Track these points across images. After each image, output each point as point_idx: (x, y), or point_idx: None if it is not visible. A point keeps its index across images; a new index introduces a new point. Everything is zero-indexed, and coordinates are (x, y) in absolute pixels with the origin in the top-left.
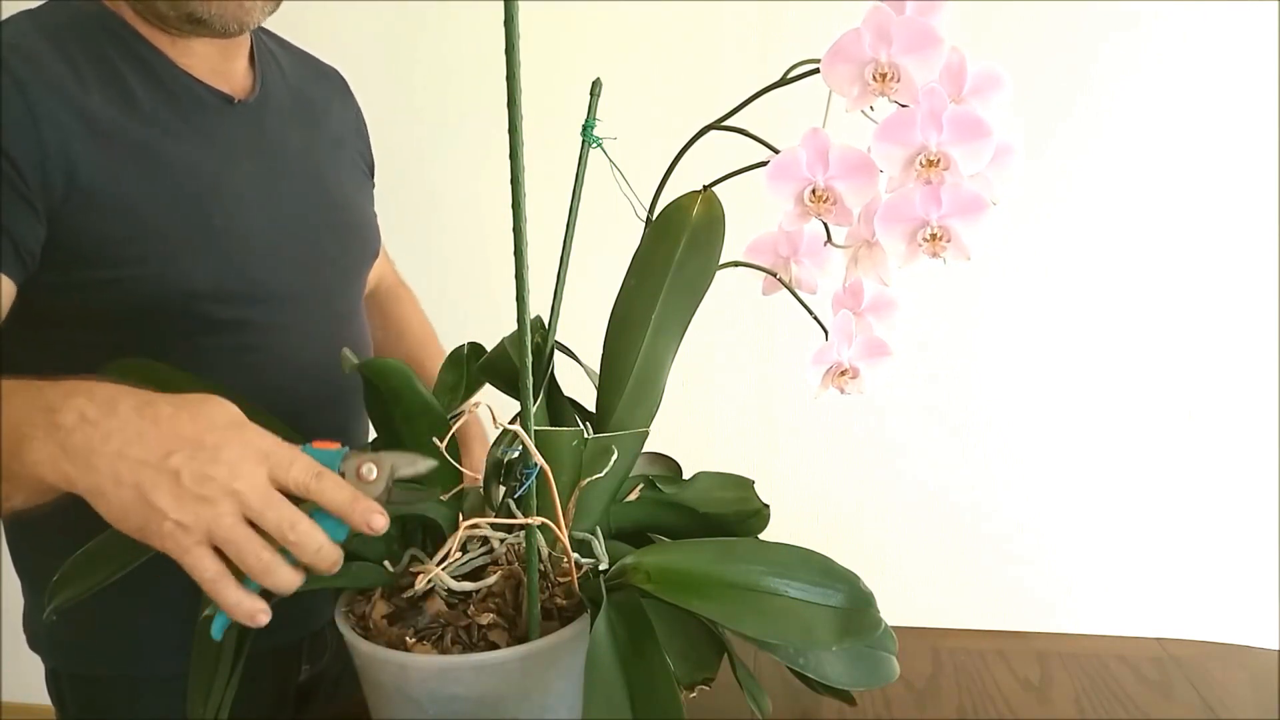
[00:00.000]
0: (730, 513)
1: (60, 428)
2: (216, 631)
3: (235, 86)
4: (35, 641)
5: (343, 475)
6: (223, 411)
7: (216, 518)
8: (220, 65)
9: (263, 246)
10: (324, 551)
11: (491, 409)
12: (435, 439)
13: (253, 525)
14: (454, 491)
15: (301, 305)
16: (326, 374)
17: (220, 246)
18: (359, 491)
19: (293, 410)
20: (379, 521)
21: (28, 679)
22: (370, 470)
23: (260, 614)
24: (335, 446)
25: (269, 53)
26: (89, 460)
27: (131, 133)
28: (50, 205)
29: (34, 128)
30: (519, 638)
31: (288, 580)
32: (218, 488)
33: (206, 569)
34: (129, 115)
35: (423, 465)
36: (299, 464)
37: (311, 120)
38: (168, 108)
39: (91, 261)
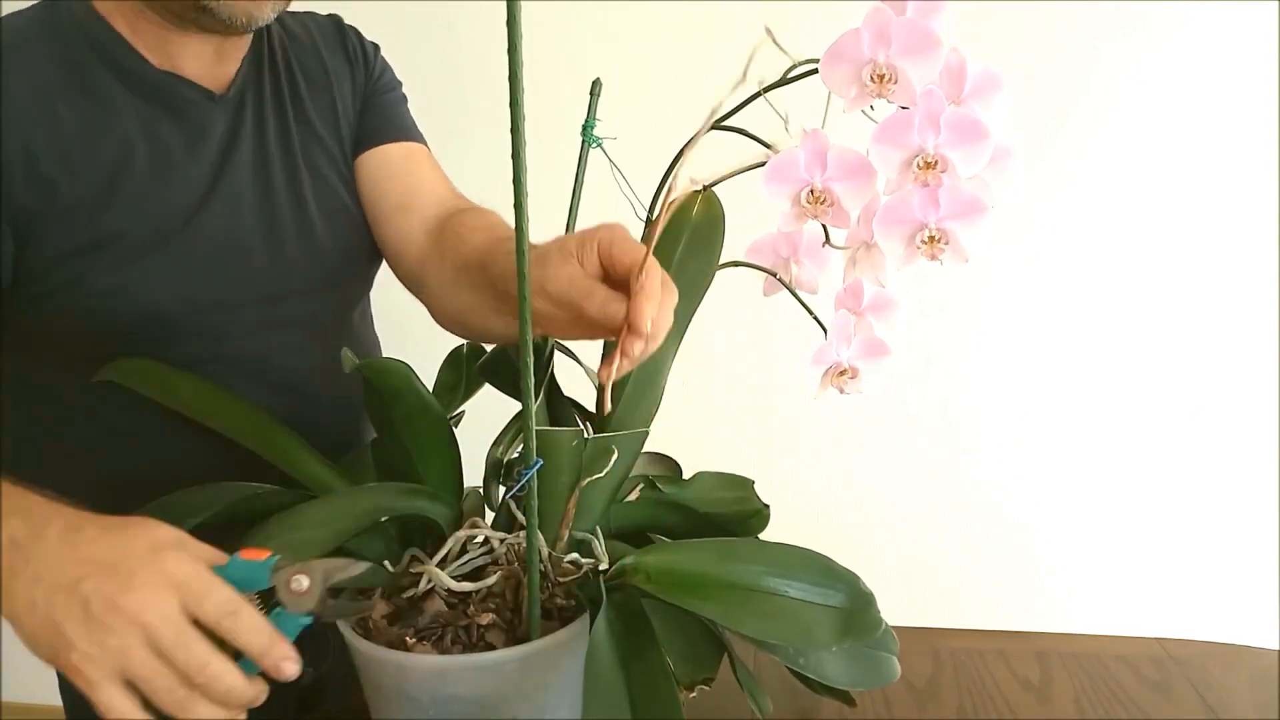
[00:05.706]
0: (730, 513)
1: None
2: None
3: (223, 85)
4: None
5: (273, 587)
6: (147, 535)
7: (125, 650)
8: (214, 67)
9: (231, 251)
10: (234, 694)
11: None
12: (440, 439)
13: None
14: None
15: (278, 311)
16: (319, 378)
17: (185, 251)
18: (276, 633)
19: (284, 417)
20: (290, 669)
21: (28, 679)
22: (301, 582)
23: None
24: (264, 555)
25: (274, 49)
26: (10, 584)
27: (103, 139)
28: (14, 214)
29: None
30: (519, 638)
31: (211, 715)
32: (125, 619)
33: (114, 708)
34: (102, 121)
35: (355, 569)
36: (214, 598)
37: (301, 114)
38: (145, 109)
39: (53, 273)
